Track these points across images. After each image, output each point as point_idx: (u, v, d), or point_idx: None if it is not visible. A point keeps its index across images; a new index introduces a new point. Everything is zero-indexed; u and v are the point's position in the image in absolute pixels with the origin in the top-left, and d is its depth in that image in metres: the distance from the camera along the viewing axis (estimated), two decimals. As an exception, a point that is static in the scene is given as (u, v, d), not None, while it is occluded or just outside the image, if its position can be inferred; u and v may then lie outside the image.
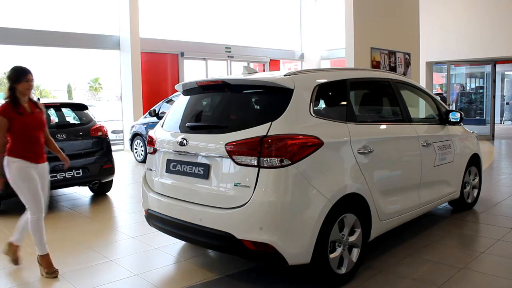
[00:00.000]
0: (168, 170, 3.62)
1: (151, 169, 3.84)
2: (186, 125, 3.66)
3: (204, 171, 3.29)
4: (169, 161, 3.61)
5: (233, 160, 3.07)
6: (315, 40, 18.04)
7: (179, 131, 3.65)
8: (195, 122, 3.71)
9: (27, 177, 3.59)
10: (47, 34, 11.25)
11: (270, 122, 3.04)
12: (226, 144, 3.10)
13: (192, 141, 3.40)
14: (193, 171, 3.38)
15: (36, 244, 3.65)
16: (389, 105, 4.51)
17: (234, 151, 3.06)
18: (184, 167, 3.47)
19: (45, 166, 3.79)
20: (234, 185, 3.08)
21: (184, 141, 3.42)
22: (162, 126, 3.90)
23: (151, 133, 3.94)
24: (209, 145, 3.28)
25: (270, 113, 3.15)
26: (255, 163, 2.97)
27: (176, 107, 3.97)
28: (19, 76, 3.65)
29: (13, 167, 3.57)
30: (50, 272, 3.61)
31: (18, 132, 3.60)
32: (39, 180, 3.67)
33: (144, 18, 12.67)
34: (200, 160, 3.34)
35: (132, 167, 9.84)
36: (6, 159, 3.58)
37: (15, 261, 3.87)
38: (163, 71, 13.73)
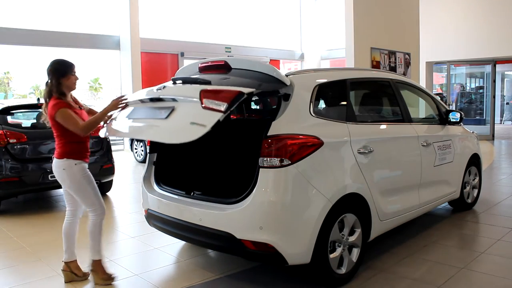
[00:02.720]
0: (130, 116, 3.43)
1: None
2: (171, 78, 3.50)
3: (166, 112, 3.09)
4: (136, 108, 3.43)
5: (201, 103, 2.87)
6: (315, 40, 18.03)
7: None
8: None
9: (90, 178, 3.42)
10: (47, 34, 11.25)
11: (255, 88, 2.93)
12: (202, 90, 2.93)
13: (170, 89, 3.26)
14: (156, 113, 3.19)
15: (95, 247, 3.45)
16: (389, 105, 4.51)
17: (207, 96, 2.88)
18: (149, 111, 3.29)
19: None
20: (190, 123, 2.91)
21: (162, 87, 3.27)
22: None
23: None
24: (186, 92, 3.15)
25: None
26: (223, 109, 2.77)
27: None
28: (66, 69, 3.36)
29: (77, 170, 3.35)
30: (108, 277, 3.45)
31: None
32: None
33: (144, 18, 12.67)
34: (167, 104, 3.16)
35: (132, 167, 9.84)
36: (66, 162, 3.34)
37: (86, 275, 3.58)
38: (163, 71, 13.73)
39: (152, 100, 3.32)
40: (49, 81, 3.37)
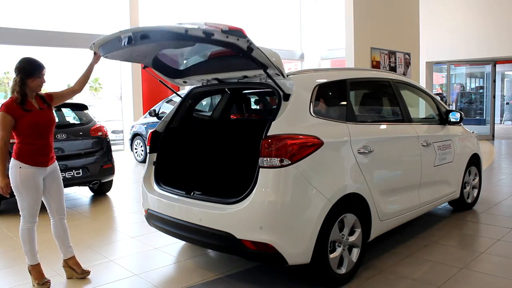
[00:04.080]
0: None
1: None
2: None
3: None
4: None
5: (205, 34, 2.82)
6: (315, 40, 18.04)
7: None
8: None
9: (32, 187, 3.27)
10: (47, 34, 11.25)
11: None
12: (206, 22, 2.90)
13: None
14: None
15: (26, 253, 3.39)
16: (389, 105, 4.51)
17: (210, 23, 2.84)
18: None
19: (55, 166, 3.47)
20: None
21: None
22: None
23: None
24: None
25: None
26: (222, 28, 2.76)
27: None
28: (34, 71, 3.25)
29: (19, 173, 3.23)
30: (41, 283, 3.36)
31: (27, 132, 3.25)
32: (50, 184, 3.42)
33: (144, 18, 12.68)
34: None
35: (132, 167, 9.85)
36: (13, 162, 3.25)
37: (84, 273, 3.59)
38: (163, 71, 13.73)
39: None
40: (15, 78, 3.26)
